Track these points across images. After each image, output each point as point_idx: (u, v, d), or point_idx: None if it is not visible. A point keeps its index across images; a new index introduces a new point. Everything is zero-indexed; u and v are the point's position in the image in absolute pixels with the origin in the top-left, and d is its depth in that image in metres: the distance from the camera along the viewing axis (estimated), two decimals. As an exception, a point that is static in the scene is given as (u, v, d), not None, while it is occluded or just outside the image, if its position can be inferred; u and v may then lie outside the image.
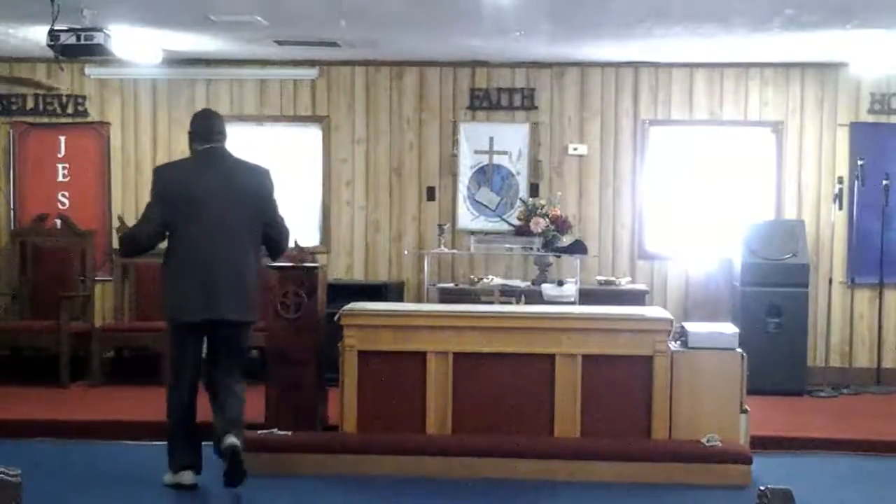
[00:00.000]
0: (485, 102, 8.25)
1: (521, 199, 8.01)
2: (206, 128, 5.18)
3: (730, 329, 5.85)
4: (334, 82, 8.31)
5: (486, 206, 8.23)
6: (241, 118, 8.27)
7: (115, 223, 5.67)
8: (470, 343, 5.71)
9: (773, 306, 7.52)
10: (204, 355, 5.23)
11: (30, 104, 8.39)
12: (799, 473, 5.52)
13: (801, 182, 8.12)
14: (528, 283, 7.57)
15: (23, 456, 5.50)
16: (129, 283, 8.15)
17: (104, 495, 5.11)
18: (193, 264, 4.99)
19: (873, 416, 6.87)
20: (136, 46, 7.18)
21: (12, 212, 8.35)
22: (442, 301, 7.29)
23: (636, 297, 7.47)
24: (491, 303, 6.67)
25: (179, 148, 8.29)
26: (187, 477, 5.11)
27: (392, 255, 8.30)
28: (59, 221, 8.27)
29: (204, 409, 5.21)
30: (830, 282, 7.95)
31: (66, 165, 8.36)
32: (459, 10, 6.33)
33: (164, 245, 5.20)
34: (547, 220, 7.46)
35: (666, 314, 5.92)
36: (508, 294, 7.05)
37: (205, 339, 5.17)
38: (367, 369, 5.71)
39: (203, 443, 5.18)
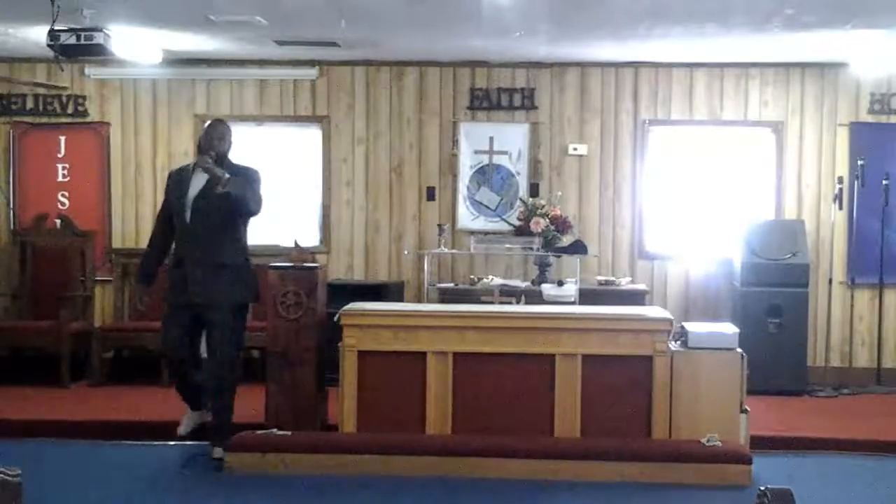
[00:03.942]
0: (485, 102, 8.25)
1: (521, 199, 8.00)
2: None
3: (730, 329, 5.85)
4: (334, 82, 8.31)
5: (486, 206, 8.23)
6: (241, 118, 8.27)
7: None
8: (470, 343, 5.71)
9: (773, 306, 7.52)
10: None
11: (30, 104, 8.39)
12: (799, 473, 5.53)
13: (801, 182, 8.12)
14: (528, 283, 7.57)
15: (23, 456, 5.50)
16: (129, 283, 8.15)
17: (104, 495, 5.11)
18: None
19: (873, 416, 6.87)
20: (136, 46, 7.18)
21: (12, 212, 8.35)
22: (442, 301, 7.28)
23: (636, 297, 7.47)
24: (491, 303, 6.67)
25: (180, 148, 8.32)
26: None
27: (392, 255, 8.30)
28: (59, 221, 8.26)
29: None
30: (830, 282, 7.96)
31: (66, 165, 8.36)
32: (459, 10, 6.33)
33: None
34: (547, 220, 7.47)
35: (666, 314, 5.92)
36: (508, 294, 7.04)
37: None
38: (367, 369, 5.71)
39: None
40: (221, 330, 5.59)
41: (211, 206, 5.52)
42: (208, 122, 5.95)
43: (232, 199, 5.44)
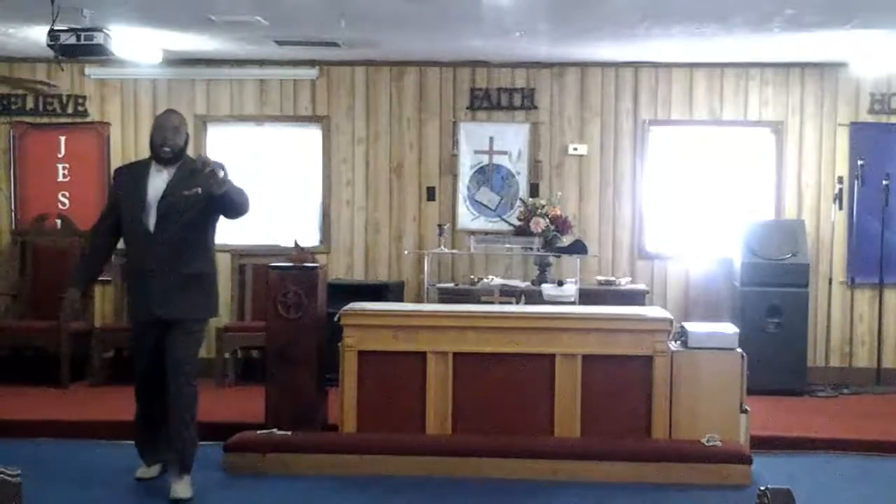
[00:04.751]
0: (485, 102, 8.25)
1: (521, 199, 8.01)
2: None
3: (730, 329, 5.85)
4: (334, 82, 8.31)
5: (486, 206, 8.23)
6: (241, 118, 8.29)
7: None
8: (470, 343, 5.71)
9: (773, 306, 7.52)
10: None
11: (30, 104, 8.38)
12: (799, 473, 5.53)
13: (801, 182, 8.12)
14: (528, 283, 7.57)
15: (23, 456, 5.51)
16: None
17: (104, 495, 5.12)
18: None
19: (873, 416, 6.87)
20: (136, 46, 7.19)
21: (12, 212, 8.35)
22: (442, 301, 7.29)
23: (636, 297, 7.47)
24: (491, 303, 6.67)
25: (179, 148, 8.30)
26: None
27: (392, 255, 8.30)
28: (59, 221, 8.27)
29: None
30: (830, 282, 7.96)
31: (66, 165, 8.35)
32: (459, 10, 6.33)
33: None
34: (547, 220, 7.47)
35: (666, 314, 5.92)
36: (508, 294, 7.04)
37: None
38: (367, 369, 5.72)
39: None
40: (187, 348, 5.02)
41: (178, 209, 4.92)
42: (160, 113, 5.40)
43: (227, 204, 4.88)
